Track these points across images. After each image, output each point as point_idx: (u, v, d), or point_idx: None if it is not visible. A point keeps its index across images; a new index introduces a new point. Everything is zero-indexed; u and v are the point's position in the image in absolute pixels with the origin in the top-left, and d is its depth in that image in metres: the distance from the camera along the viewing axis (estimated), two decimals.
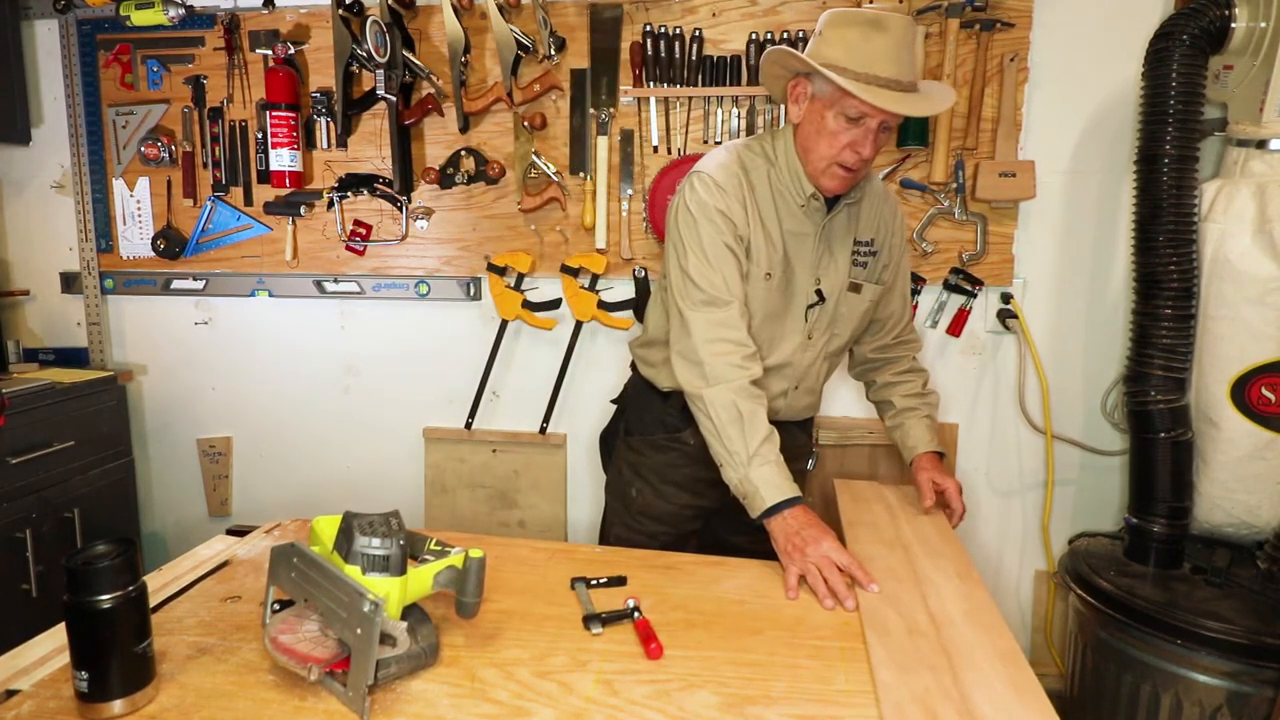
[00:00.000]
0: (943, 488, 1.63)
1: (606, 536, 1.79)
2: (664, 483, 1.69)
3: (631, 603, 1.19)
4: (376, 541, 1.00)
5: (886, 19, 1.36)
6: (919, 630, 1.15)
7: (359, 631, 0.92)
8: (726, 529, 1.77)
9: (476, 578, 1.06)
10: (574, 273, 2.32)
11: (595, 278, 2.32)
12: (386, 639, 0.97)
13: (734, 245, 1.48)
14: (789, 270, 1.54)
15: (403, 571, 1.00)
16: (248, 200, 2.46)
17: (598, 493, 2.48)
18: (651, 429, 1.70)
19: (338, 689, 0.95)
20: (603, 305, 2.33)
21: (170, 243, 2.49)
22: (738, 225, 1.48)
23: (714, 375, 1.43)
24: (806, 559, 1.28)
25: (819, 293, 1.57)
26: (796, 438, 1.75)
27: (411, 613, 1.07)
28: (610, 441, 1.84)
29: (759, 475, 1.37)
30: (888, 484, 2.00)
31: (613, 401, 1.87)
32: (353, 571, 0.98)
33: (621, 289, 2.34)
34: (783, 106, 2.16)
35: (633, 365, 1.80)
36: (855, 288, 1.61)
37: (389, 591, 0.98)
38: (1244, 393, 1.79)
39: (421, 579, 1.04)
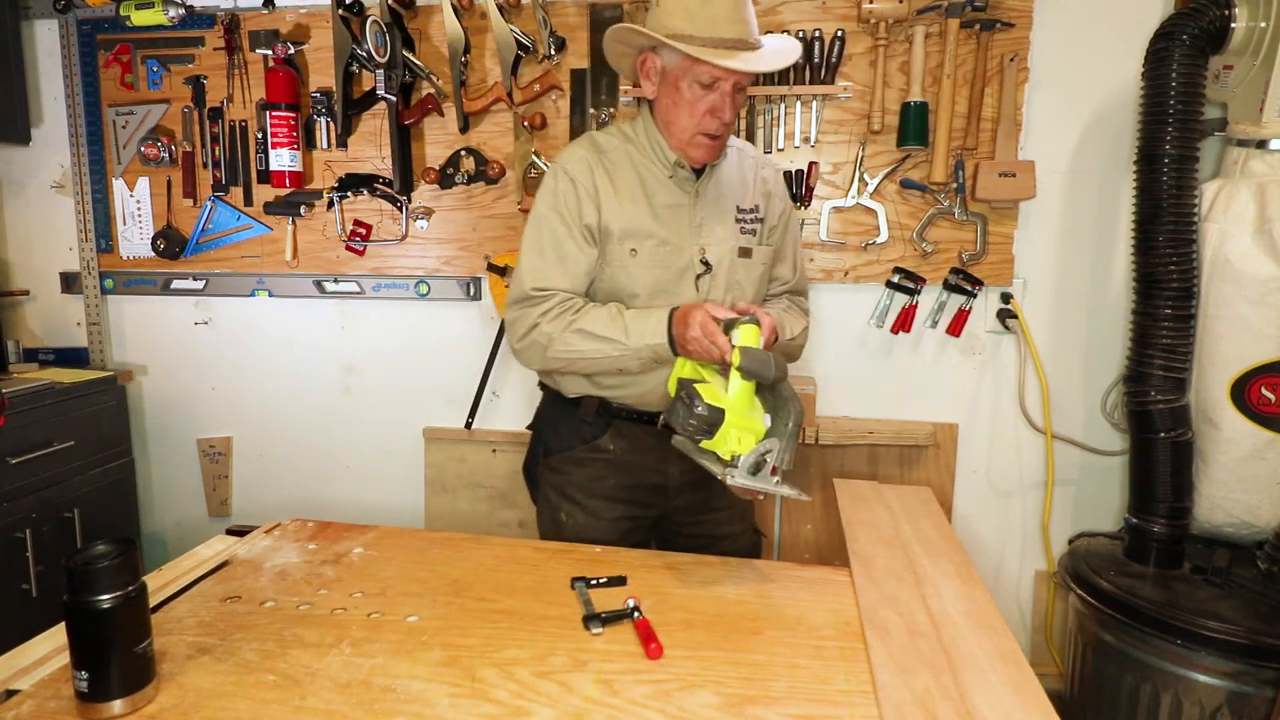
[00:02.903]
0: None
1: None
2: (592, 498, 1.58)
3: (631, 603, 1.19)
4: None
5: None
6: (919, 630, 1.15)
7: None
8: (671, 545, 1.64)
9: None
10: None
11: None
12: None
13: (578, 238, 1.47)
14: (667, 242, 1.50)
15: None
16: (248, 200, 2.46)
17: None
18: (569, 443, 1.60)
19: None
20: None
21: (170, 243, 2.49)
22: (584, 214, 1.47)
23: (545, 337, 1.45)
24: (693, 354, 1.35)
25: (704, 262, 1.51)
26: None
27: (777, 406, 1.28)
28: (533, 470, 1.70)
29: (638, 340, 1.40)
30: (888, 484, 2.00)
31: (528, 427, 1.73)
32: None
33: None
34: (783, 104, 2.17)
35: (540, 384, 1.70)
36: (745, 252, 1.56)
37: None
38: (1244, 393, 1.79)
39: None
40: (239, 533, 1.51)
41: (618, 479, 1.58)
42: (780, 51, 1.45)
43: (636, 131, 1.54)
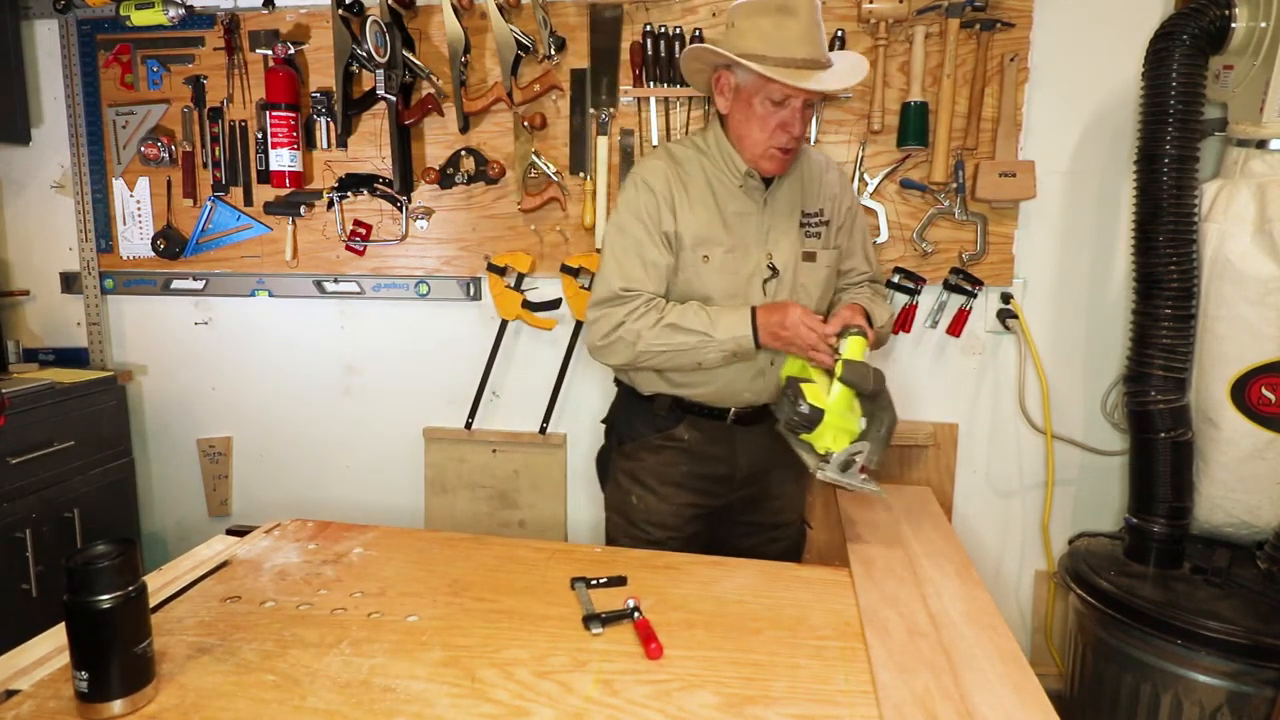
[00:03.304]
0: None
1: None
2: (663, 484, 1.68)
3: (631, 603, 1.19)
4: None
5: (793, 4, 1.43)
6: (919, 631, 1.15)
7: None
8: (731, 533, 1.77)
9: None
10: (574, 273, 2.32)
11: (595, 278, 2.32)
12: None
13: (658, 243, 1.56)
14: (736, 249, 1.58)
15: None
16: (248, 200, 2.46)
17: (598, 493, 2.46)
18: (644, 432, 1.70)
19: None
20: None
21: (170, 243, 2.49)
22: (663, 222, 1.56)
23: (632, 334, 1.54)
24: (789, 340, 1.48)
25: (771, 266, 1.60)
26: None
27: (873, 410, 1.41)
28: (606, 460, 1.83)
29: (724, 333, 1.51)
30: (888, 484, 2.00)
31: (602, 421, 1.85)
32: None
33: None
34: None
35: (615, 380, 1.80)
36: (810, 256, 1.64)
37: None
38: (1244, 393, 1.79)
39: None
40: (239, 533, 1.51)
41: (689, 467, 1.67)
42: (849, 69, 1.53)
43: (709, 143, 1.62)
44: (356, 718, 0.94)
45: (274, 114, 2.29)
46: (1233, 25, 1.79)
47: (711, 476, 1.68)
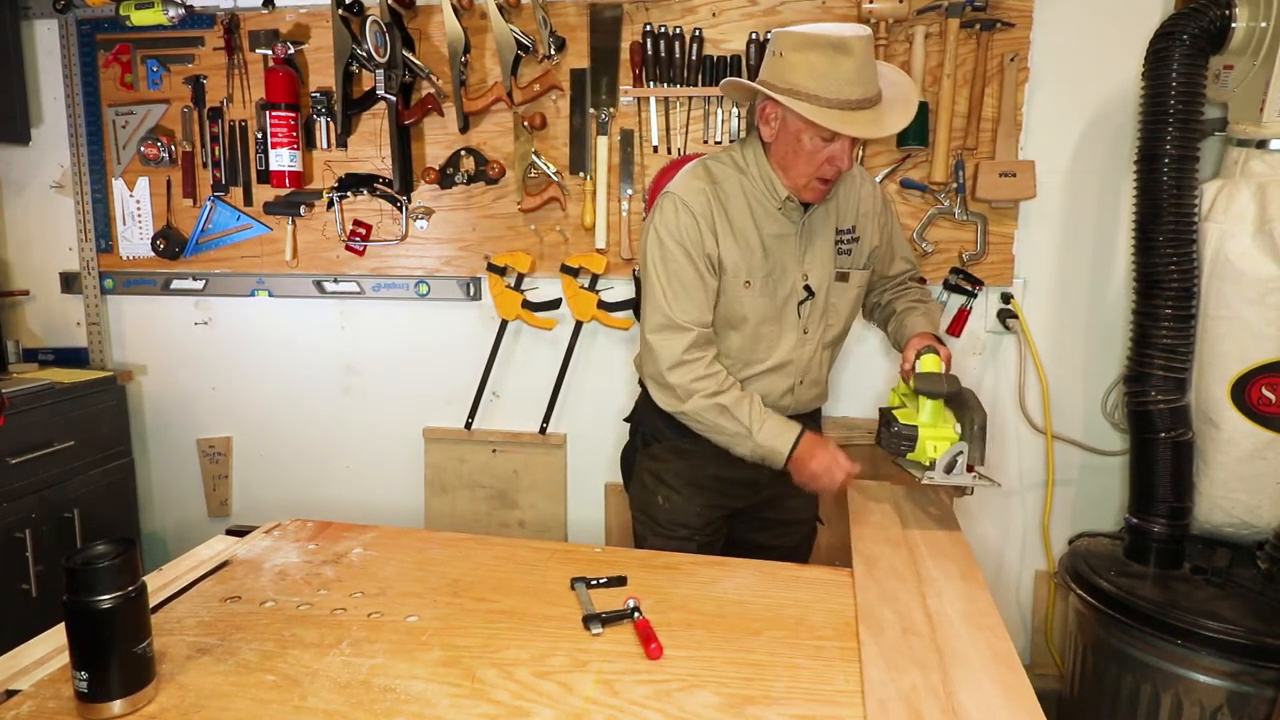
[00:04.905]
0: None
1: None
2: (688, 485, 1.69)
3: (631, 603, 1.19)
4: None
5: (848, 41, 1.37)
6: (914, 629, 1.15)
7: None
8: (747, 528, 1.78)
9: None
10: (574, 273, 2.32)
11: (595, 278, 2.32)
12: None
13: (701, 269, 1.53)
14: (774, 272, 1.57)
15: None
16: (247, 200, 2.46)
17: (597, 493, 2.48)
18: (670, 435, 1.69)
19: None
20: (603, 305, 2.33)
21: (170, 243, 2.49)
22: (705, 245, 1.53)
23: (685, 392, 1.54)
24: (817, 474, 1.53)
25: (807, 288, 1.60)
26: (809, 428, 1.77)
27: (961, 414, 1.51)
28: (630, 459, 1.83)
29: (764, 436, 1.53)
30: (893, 484, 1.99)
31: (625, 420, 1.85)
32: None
33: (621, 289, 2.34)
34: None
35: (640, 381, 1.78)
36: (843, 277, 1.64)
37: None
38: (1244, 393, 1.79)
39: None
40: (239, 533, 1.51)
41: (715, 470, 1.66)
42: (902, 102, 1.48)
43: (748, 161, 1.57)
44: (356, 718, 0.94)
45: (274, 114, 2.29)
46: (1233, 25, 1.78)
47: (738, 480, 1.68)
